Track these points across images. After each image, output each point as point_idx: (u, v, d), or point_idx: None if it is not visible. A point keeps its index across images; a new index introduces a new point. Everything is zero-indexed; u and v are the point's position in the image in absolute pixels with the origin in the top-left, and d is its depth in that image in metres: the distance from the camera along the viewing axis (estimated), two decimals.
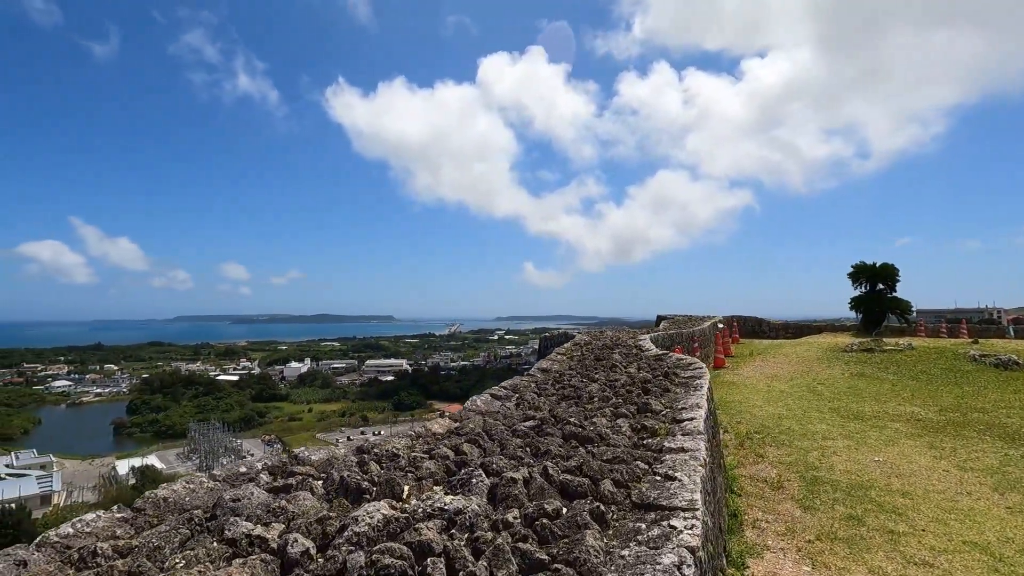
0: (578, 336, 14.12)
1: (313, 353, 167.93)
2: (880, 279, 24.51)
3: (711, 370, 16.86)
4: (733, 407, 11.58)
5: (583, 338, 13.41)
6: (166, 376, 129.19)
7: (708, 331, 19.36)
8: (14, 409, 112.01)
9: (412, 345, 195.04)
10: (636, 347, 10.87)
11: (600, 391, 6.06)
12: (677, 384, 6.66)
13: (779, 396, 12.71)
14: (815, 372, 15.46)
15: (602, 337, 13.40)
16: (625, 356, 9.25)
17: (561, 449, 3.78)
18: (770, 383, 14.35)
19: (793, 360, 17.55)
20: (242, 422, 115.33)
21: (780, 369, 16.27)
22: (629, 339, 13.00)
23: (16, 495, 70.03)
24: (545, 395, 6.11)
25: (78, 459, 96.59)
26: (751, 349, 21.20)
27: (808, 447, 8.72)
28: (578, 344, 11.41)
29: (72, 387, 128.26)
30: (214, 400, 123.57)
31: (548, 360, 8.76)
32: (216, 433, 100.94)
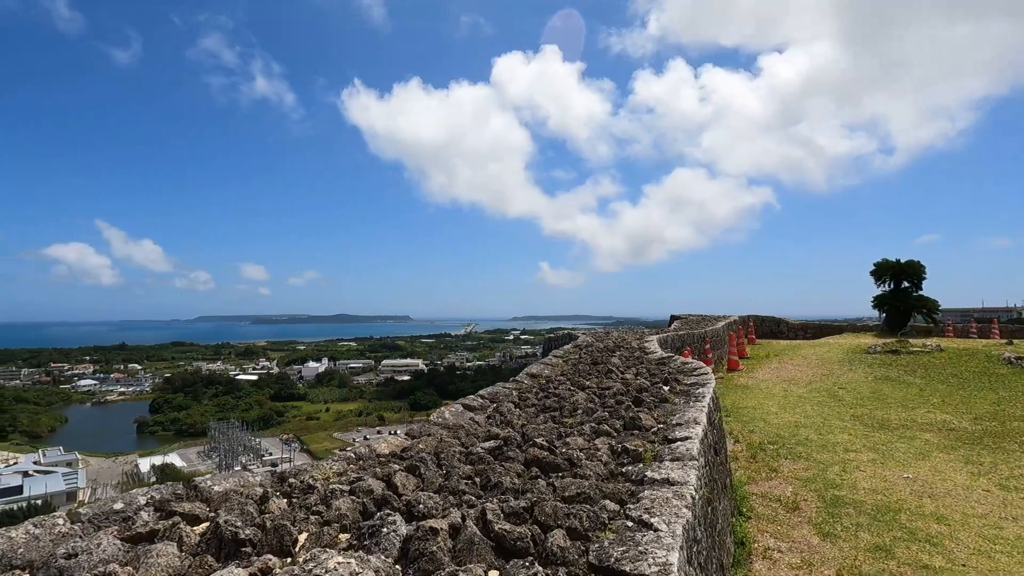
0: (582, 337, 13.33)
1: (331, 353, 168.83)
2: (905, 276, 23.27)
3: (724, 372, 15.95)
4: (746, 414, 10.71)
5: (586, 339, 12.63)
6: (187, 375, 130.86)
7: (722, 332, 18.42)
8: (42, 407, 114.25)
9: (428, 345, 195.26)
10: (640, 349, 10.06)
11: (587, 401, 5.30)
12: (677, 392, 5.87)
13: (796, 402, 11.79)
14: (836, 375, 14.46)
15: (606, 338, 12.60)
16: (625, 360, 8.46)
17: (516, 481, 3.05)
18: (787, 387, 13.42)
19: (812, 362, 16.54)
20: (261, 421, 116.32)
21: (798, 372, 15.30)
22: (635, 340, 12.19)
23: (43, 491, 71.30)
24: (524, 406, 5.37)
25: (102, 456, 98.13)
26: (768, 350, 20.19)
27: (828, 461, 7.85)
28: (579, 346, 10.64)
29: (97, 386, 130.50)
30: (234, 399, 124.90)
31: (540, 364, 8.01)
32: (235, 432, 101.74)
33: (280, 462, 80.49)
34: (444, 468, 3.33)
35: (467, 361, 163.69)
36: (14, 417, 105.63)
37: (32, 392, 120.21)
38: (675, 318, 26.64)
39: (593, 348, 10.25)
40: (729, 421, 10.14)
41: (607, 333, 14.29)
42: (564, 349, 10.07)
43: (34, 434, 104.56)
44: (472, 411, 5.24)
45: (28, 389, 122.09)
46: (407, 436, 4.31)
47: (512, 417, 4.79)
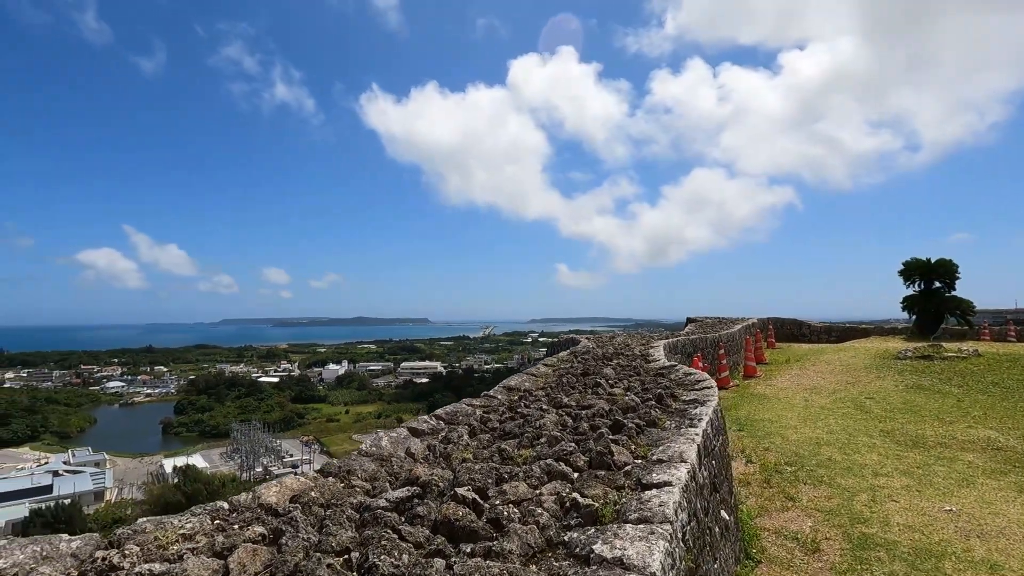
0: (583, 342, 12.36)
1: (351, 355, 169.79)
2: (936, 276, 21.73)
3: (740, 380, 14.79)
4: (761, 428, 9.62)
5: (587, 345, 11.65)
6: (211, 377, 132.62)
7: (738, 335, 17.22)
8: (72, 408, 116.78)
9: (446, 347, 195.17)
10: (642, 357, 9.06)
11: (556, 426, 4.36)
12: (671, 412, 4.90)
13: (818, 414, 10.64)
14: (863, 384, 13.21)
15: (609, 344, 11.61)
16: (621, 370, 7.48)
17: (401, 562, 2.14)
18: (808, 397, 12.24)
19: (836, 368, 15.28)
20: (282, 423, 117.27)
21: (821, 379, 14.07)
22: (639, 347, 11.17)
23: (71, 491, 72.50)
24: (481, 430, 4.46)
25: (129, 457, 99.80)
26: (788, 355, 18.91)
27: (855, 487, 6.76)
28: (575, 353, 9.67)
29: (125, 388, 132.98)
30: (256, 401, 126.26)
31: (522, 376, 7.08)
32: (257, 433, 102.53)
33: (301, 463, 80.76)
34: (320, 533, 2.43)
35: (485, 363, 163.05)
36: (45, 418, 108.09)
37: (63, 393, 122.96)
38: (691, 321, 25.46)
39: (590, 355, 9.28)
40: (742, 437, 9.07)
41: (611, 337, 13.29)
42: (557, 356, 9.12)
43: (64, 434, 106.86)
44: (419, 436, 4.34)
45: (59, 390, 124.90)
46: (316, 475, 3.42)
47: (456, 449, 3.87)
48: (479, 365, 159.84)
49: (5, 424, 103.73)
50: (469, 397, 5.26)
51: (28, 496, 68.70)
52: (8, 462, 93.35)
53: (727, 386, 13.73)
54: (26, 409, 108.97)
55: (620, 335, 13.88)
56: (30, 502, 64.44)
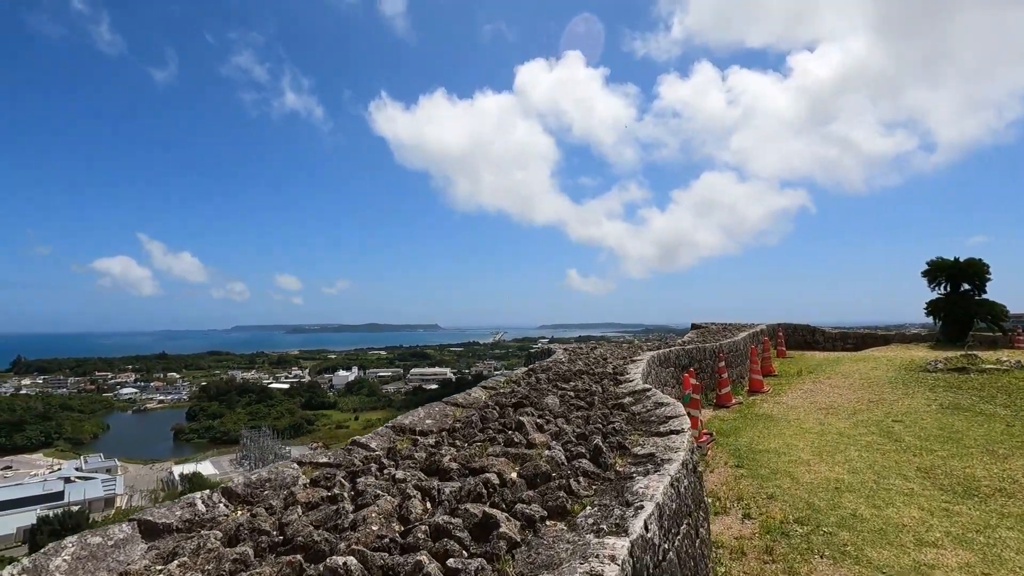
0: (557, 354, 10.46)
1: (361, 361, 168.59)
2: (964, 277, 19.47)
3: (745, 396, 12.75)
4: (766, 463, 7.63)
5: (558, 357, 9.75)
6: (222, 384, 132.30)
7: (742, 344, 15.14)
8: (85, 415, 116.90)
9: (456, 353, 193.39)
10: (613, 376, 7.14)
11: (384, 522, 2.48)
12: (605, 482, 3.00)
13: (837, 443, 8.61)
14: (888, 402, 11.12)
15: (585, 356, 9.70)
16: (574, 398, 5.58)
17: None
18: (824, 419, 10.19)
19: (856, 382, 13.18)
20: (292, 429, 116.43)
21: (838, 395, 11.99)
22: (618, 360, 9.25)
23: (82, 497, 71.86)
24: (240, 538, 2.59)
25: (140, 463, 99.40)
26: (800, 365, 16.79)
27: (893, 565, 4.77)
28: (533, 371, 7.77)
29: (138, 394, 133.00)
30: (266, 407, 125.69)
31: (441, 406, 5.20)
32: (266, 440, 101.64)
33: None
34: None
35: (495, 370, 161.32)
36: (59, 424, 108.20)
37: (77, 400, 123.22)
38: (695, 327, 23.46)
39: (550, 373, 7.37)
40: (741, 477, 7.10)
41: (592, 348, 11.36)
42: (506, 377, 7.23)
43: (78, 441, 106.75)
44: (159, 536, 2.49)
45: (73, 397, 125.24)
46: None
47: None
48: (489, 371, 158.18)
49: (20, 430, 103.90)
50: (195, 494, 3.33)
51: (40, 503, 68.19)
52: (23, 468, 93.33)
53: (728, 404, 11.72)
54: (41, 415, 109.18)
55: (602, 346, 11.94)
56: (42, 508, 63.80)
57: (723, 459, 7.96)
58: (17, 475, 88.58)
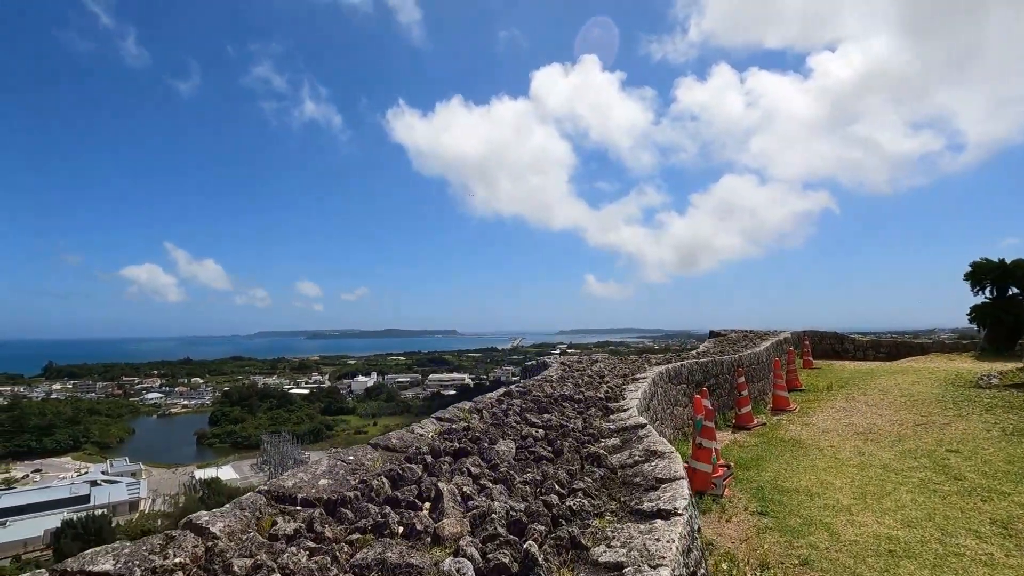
0: (549, 369, 9.08)
1: (380, 367, 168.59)
2: (1014, 280, 17.53)
3: (768, 415, 11.18)
4: (796, 509, 6.15)
5: (548, 374, 8.37)
6: (244, 389, 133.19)
7: (764, 356, 13.53)
8: (112, 419, 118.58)
9: (474, 359, 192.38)
10: (603, 403, 5.75)
11: None
12: None
13: (883, 480, 7.06)
14: (939, 426, 9.46)
15: (577, 374, 8.29)
16: (545, 438, 4.22)
17: None
18: (863, 447, 8.61)
19: (896, 400, 11.50)
20: (311, 434, 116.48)
21: (877, 416, 10.36)
22: (618, 376, 7.84)
23: (107, 500, 72.41)
24: None
25: (164, 467, 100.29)
26: (830, 379, 15.08)
27: None
28: (510, 394, 6.41)
29: (163, 399, 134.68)
30: (286, 413, 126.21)
31: (346, 457, 3.89)
32: (286, 445, 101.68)
33: None
34: None
35: (512, 376, 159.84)
36: (87, 428, 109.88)
37: (105, 404, 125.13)
38: (713, 335, 21.82)
39: (527, 398, 5.99)
40: (764, 530, 5.63)
41: (592, 362, 9.94)
42: (474, 403, 5.87)
43: (104, 444, 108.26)
44: None
45: (101, 401, 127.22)
46: None
47: None
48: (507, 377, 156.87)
49: (50, 434, 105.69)
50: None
51: (67, 505, 68.81)
52: (52, 471, 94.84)
53: (749, 425, 10.18)
54: (69, 420, 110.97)
55: (605, 359, 10.52)
56: (69, 511, 64.32)
57: (743, 502, 6.49)
58: (46, 478, 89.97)
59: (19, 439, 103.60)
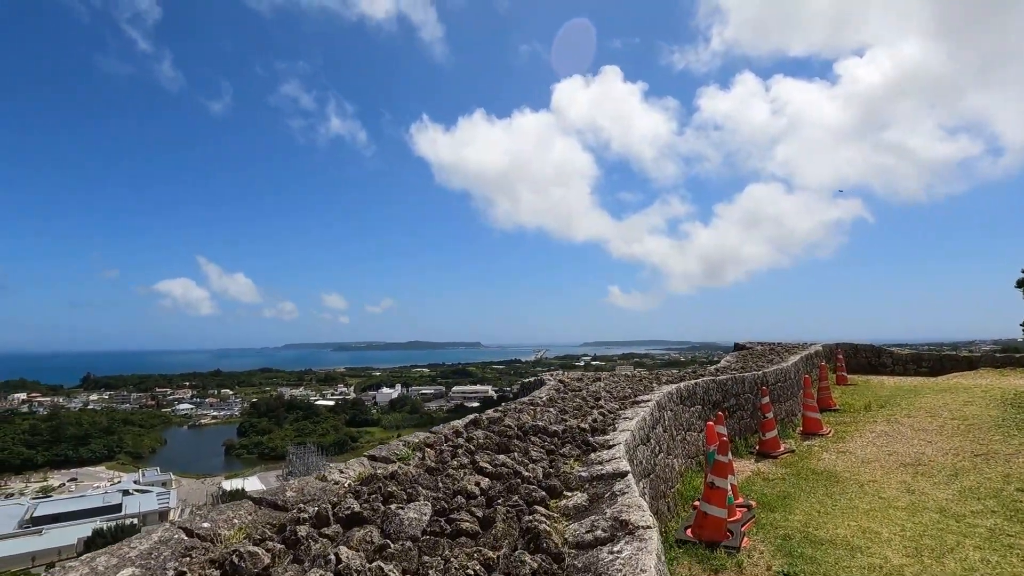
0: (546, 387, 7.94)
1: (404, 379, 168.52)
2: None
3: (797, 441, 9.79)
4: (832, 567, 4.86)
5: (541, 394, 7.24)
6: (271, 400, 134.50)
7: (792, 371, 12.08)
8: (145, 429, 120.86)
9: (498, 371, 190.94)
10: (584, 437, 4.59)
11: None
12: None
13: (941, 529, 5.69)
14: (1003, 456, 7.97)
15: (570, 395, 7.12)
16: (485, 494, 3.13)
17: None
18: (912, 483, 7.21)
19: (947, 423, 9.98)
20: (336, 446, 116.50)
21: (926, 443, 8.88)
22: (615, 400, 6.66)
23: (138, 510, 73.29)
24: None
25: (193, 477, 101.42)
26: (867, 397, 13.51)
27: None
28: (476, 422, 5.31)
29: (193, 410, 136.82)
30: (312, 424, 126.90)
31: (199, 526, 2.86)
32: (311, 457, 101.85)
33: None
34: None
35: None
36: (121, 438, 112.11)
37: (138, 415, 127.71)
38: (738, 348, 20.28)
39: (492, 430, 4.88)
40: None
41: (594, 379, 8.74)
42: (426, 437, 4.79)
43: (137, 455, 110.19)
44: None
45: (135, 412, 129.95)
46: None
47: None
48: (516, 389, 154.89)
49: (85, 444, 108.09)
50: None
51: (100, 514, 69.79)
52: (86, 480, 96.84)
53: (775, 452, 8.83)
54: (104, 430, 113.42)
55: (606, 377, 9.31)
56: (101, 520, 65.21)
57: (765, 556, 5.22)
58: (81, 487, 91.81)
59: (57, 448, 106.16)
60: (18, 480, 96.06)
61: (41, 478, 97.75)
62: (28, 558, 57.89)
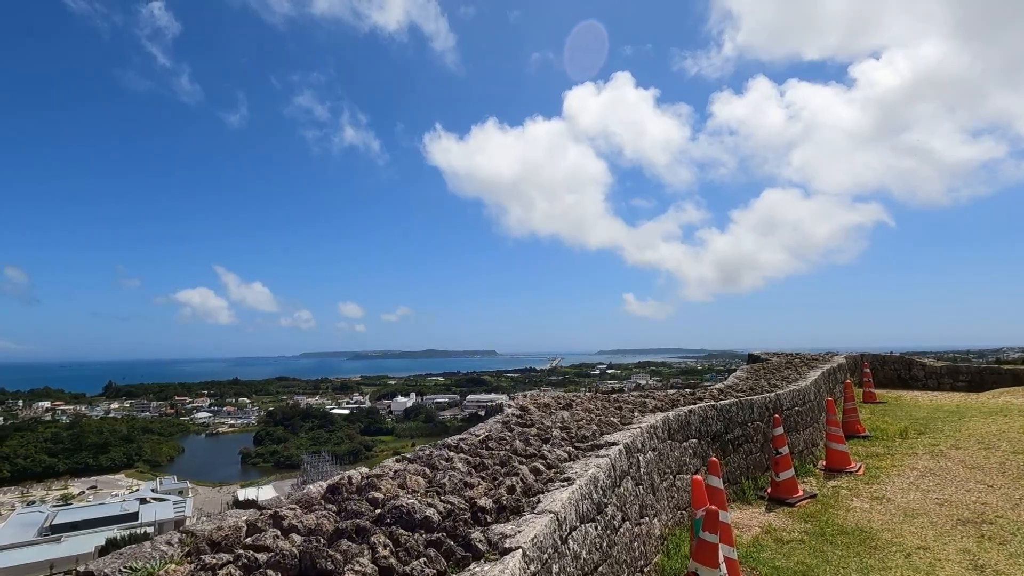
0: (503, 415, 6.19)
1: (419, 387, 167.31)
2: None
3: (819, 479, 7.84)
4: None
5: (491, 427, 5.49)
6: (287, 409, 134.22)
7: (812, 392, 10.05)
8: (164, 438, 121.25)
9: (513, 379, 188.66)
10: (462, 541, 2.83)
11: None
12: None
13: None
14: None
15: (514, 433, 5.35)
16: None
17: None
18: (978, 554, 5.27)
19: (1009, 460, 7.93)
20: (350, 455, 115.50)
21: (985, 488, 6.89)
22: (564, 445, 4.86)
23: (153, 518, 72.80)
24: None
25: (210, 485, 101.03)
26: (901, 419, 11.43)
27: None
28: (335, 490, 3.59)
29: (211, 418, 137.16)
30: (327, 433, 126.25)
31: None
32: (326, 465, 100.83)
33: None
34: None
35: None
36: (140, 446, 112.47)
37: (157, 423, 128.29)
38: (752, 360, 18.08)
39: (349, 504, 3.17)
40: None
41: (564, 404, 6.94)
42: (318, 485, 3.09)
43: (155, 463, 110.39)
44: None
45: (154, 420, 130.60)
46: None
47: None
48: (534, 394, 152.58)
49: (105, 452, 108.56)
50: None
51: (117, 522, 69.41)
52: (106, 488, 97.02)
53: (791, 499, 6.92)
54: (124, 438, 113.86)
55: (580, 401, 7.46)
56: (118, 528, 64.76)
57: None
58: (100, 495, 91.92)
59: (78, 456, 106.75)
60: (40, 488, 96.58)
61: (62, 486, 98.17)
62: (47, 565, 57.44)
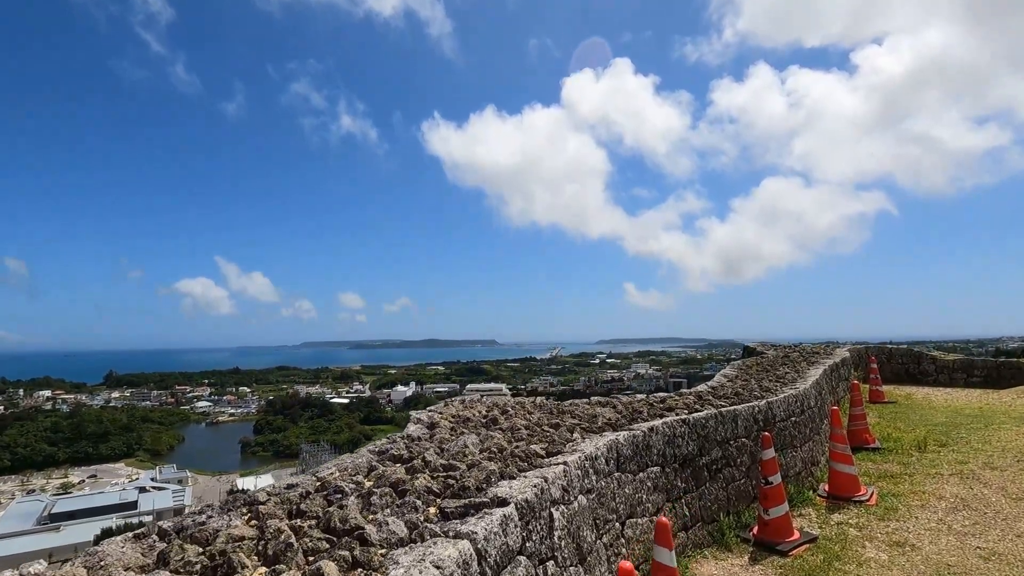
0: (407, 429, 4.53)
1: (419, 377, 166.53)
2: None
3: (822, 511, 6.14)
4: None
5: (397, 450, 3.81)
6: (287, 398, 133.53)
7: (812, 397, 8.29)
8: (164, 427, 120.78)
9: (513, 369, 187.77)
10: None
11: None
12: None
13: None
14: None
15: (387, 470, 3.70)
16: None
17: None
18: None
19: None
20: (349, 444, 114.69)
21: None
22: (436, 499, 3.17)
23: (152, 507, 72.15)
24: None
25: (209, 475, 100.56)
26: (916, 425, 9.71)
27: None
28: None
29: (212, 407, 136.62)
30: (326, 422, 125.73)
31: None
32: (324, 455, 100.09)
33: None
34: None
35: (551, 386, 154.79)
36: (140, 436, 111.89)
37: (158, 412, 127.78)
38: (748, 353, 16.25)
39: None
40: None
41: (490, 420, 5.28)
42: None
43: (155, 451, 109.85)
44: None
45: (155, 410, 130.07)
46: None
47: None
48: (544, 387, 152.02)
49: (106, 441, 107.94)
50: None
51: (116, 511, 68.78)
52: (106, 477, 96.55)
53: (782, 544, 5.24)
54: (124, 427, 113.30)
55: (517, 411, 5.76)
56: (117, 517, 64.03)
57: None
58: (100, 483, 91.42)
59: (78, 445, 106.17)
60: (40, 476, 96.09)
61: (62, 475, 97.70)
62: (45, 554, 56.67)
